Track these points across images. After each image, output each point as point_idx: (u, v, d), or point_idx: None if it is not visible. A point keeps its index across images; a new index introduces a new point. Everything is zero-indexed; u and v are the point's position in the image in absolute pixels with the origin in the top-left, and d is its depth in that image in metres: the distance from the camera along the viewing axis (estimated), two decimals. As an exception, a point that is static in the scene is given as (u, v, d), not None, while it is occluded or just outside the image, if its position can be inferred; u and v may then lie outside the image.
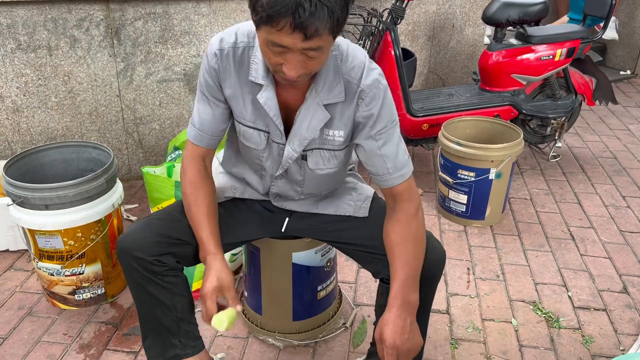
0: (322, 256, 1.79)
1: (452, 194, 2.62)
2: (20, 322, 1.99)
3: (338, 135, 1.38)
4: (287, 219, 1.62)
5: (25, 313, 2.04)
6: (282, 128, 1.37)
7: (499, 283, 2.24)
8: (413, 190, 1.40)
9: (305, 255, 1.75)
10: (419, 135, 2.98)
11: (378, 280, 1.56)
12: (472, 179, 2.51)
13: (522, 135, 2.56)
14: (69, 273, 1.97)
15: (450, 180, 2.58)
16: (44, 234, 1.88)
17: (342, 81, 1.31)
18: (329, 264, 1.82)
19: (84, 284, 2.01)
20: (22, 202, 1.84)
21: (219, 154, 1.74)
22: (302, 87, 1.32)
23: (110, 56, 2.69)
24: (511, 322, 2.02)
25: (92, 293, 2.05)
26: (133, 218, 2.65)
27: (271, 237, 1.68)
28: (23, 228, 1.92)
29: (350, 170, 1.70)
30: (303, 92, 1.33)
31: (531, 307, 2.10)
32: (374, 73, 1.32)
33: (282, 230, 1.62)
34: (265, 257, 1.77)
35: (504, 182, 2.56)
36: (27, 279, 2.22)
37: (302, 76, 1.19)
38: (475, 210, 2.61)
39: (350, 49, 1.33)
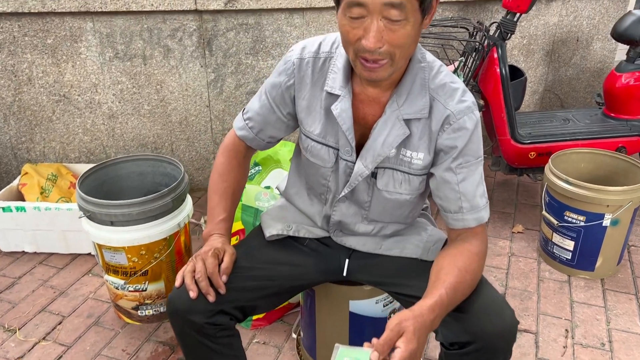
0: (384, 307, 1.59)
1: (557, 238, 2.27)
2: (86, 332, 2.01)
3: (416, 157, 1.23)
4: (347, 260, 1.44)
5: (93, 322, 2.06)
6: (353, 144, 1.25)
7: (603, 354, 1.88)
8: (483, 235, 1.24)
9: (365, 305, 1.56)
10: (525, 165, 2.64)
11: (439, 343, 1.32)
12: (582, 223, 2.15)
13: (649, 177, 2.15)
14: (132, 289, 1.95)
15: (555, 222, 2.24)
16: (110, 249, 1.88)
17: (428, 97, 1.18)
18: (391, 316, 1.62)
19: (147, 301, 1.99)
20: (90, 216, 1.84)
21: (281, 183, 1.60)
22: (382, 98, 1.22)
23: (202, 66, 2.68)
24: (614, 407, 1.68)
25: (155, 310, 2.02)
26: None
27: (330, 281, 1.51)
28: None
29: (422, 210, 1.50)
30: (382, 106, 1.23)
31: (642, 391, 1.74)
32: (468, 101, 1.19)
33: (344, 274, 1.45)
34: (321, 301, 1.60)
35: (622, 230, 2.16)
36: (101, 285, 2.26)
37: (383, 53, 1.06)
38: (584, 260, 2.23)
39: (444, 68, 1.21)
